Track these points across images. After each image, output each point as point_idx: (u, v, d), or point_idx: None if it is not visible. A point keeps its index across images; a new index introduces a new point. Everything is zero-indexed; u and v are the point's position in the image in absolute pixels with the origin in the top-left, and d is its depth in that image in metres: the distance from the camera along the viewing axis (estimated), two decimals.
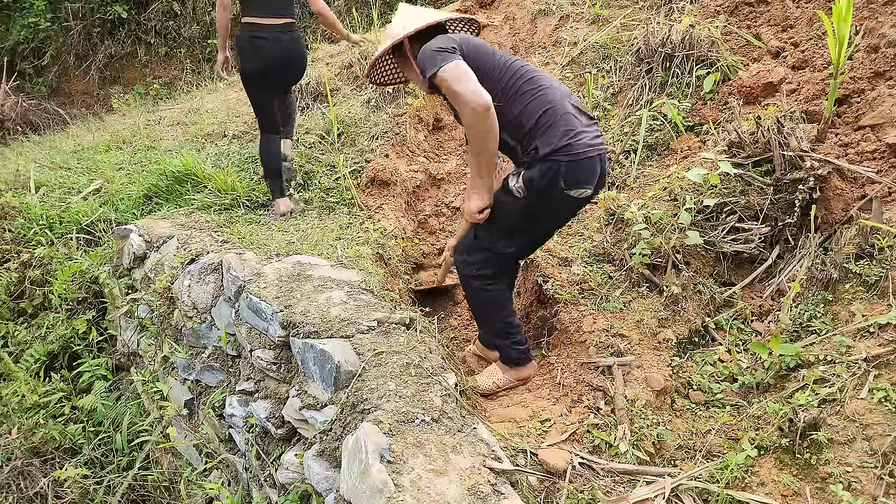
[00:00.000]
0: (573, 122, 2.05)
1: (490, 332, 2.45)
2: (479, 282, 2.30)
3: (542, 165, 2.02)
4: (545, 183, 2.03)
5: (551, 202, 2.10)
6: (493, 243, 2.24)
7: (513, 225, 2.19)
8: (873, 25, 2.96)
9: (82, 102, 8.82)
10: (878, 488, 1.66)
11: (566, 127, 2.03)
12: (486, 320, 2.45)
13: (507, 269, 2.36)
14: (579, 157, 2.01)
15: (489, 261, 2.27)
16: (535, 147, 2.04)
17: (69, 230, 3.86)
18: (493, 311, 2.37)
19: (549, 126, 2.03)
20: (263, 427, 2.34)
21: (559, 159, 2.00)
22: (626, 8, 4.44)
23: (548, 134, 2.02)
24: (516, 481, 1.71)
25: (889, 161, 2.53)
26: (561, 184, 2.01)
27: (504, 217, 2.18)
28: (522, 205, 2.11)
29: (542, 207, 2.11)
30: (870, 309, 2.15)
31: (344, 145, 4.12)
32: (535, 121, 2.05)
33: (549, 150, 2.01)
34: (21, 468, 2.99)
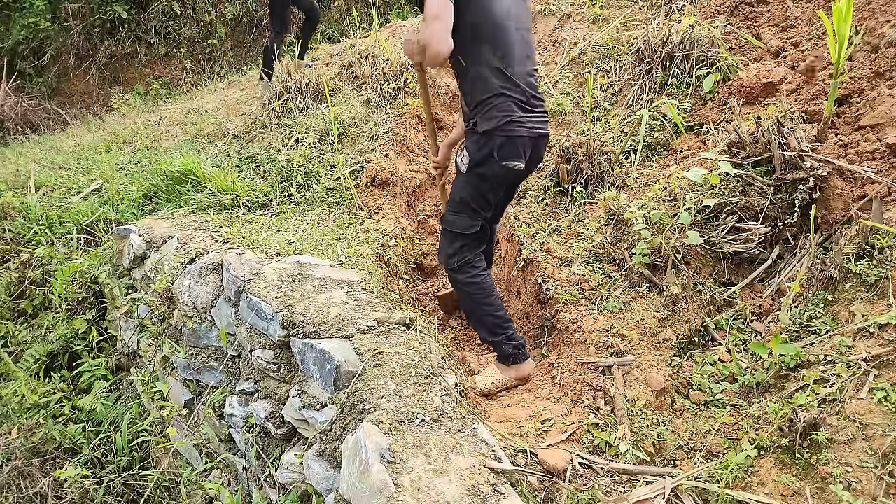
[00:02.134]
0: (515, 110, 2.20)
1: (483, 329, 2.46)
2: (464, 274, 2.39)
3: (480, 140, 2.22)
4: (482, 156, 2.23)
5: (491, 172, 2.27)
6: (461, 227, 2.37)
7: (465, 200, 2.33)
8: (873, 25, 2.96)
9: (82, 102, 8.82)
10: (878, 488, 1.66)
11: (507, 114, 2.19)
12: (476, 318, 2.47)
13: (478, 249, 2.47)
14: (511, 135, 2.20)
15: (464, 247, 2.39)
16: (475, 122, 2.23)
17: (69, 230, 3.86)
18: (480, 303, 2.41)
19: (494, 107, 2.19)
20: (263, 427, 2.34)
21: (495, 135, 2.19)
22: (626, 8, 4.44)
23: (491, 112, 2.19)
24: (516, 481, 1.71)
25: (889, 161, 2.53)
26: (495, 155, 2.20)
27: (458, 195, 2.34)
28: (468, 177, 2.30)
29: (484, 177, 2.29)
30: (870, 309, 2.15)
31: (344, 145, 4.12)
32: (484, 98, 2.20)
33: (488, 127, 2.19)
34: (21, 468, 2.99)
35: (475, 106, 2.23)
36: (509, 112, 2.18)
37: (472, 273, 2.39)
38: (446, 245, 2.42)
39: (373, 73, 4.72)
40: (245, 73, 7.12)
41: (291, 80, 4.79)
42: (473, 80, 2.21)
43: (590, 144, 3.27)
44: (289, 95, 4.72)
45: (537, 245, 2.98)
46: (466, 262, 2.38)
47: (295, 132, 4.33)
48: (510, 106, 2.19)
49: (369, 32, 5.19)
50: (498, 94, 2.18)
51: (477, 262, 2.42)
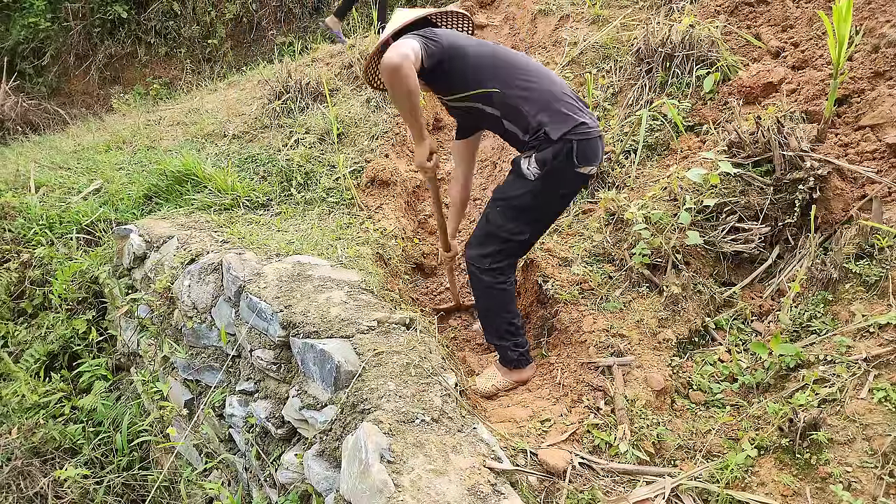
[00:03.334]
0: (574, 108, 2.18)
1: (492, 331, 2.46)
2: (489, 277, 2.32)
3: (556, 146, 2.13)
4: (559, 162, 2.14)
5: (563, 180, 2.21)
6: (507, 231, 2.28)
7: (525, 208, 2.24)
8: (873, 25, 2.96)
9: (82, 102, 8.81)
10: (878, 488, 1.66)
11: (573, 113, 2.16)
12: (490, 320, 2.46)
13: (516, 261, 2.42)
14: (589, 136, 2.15)
15: (502, 252, 2.31)
16: (545, 131, 2.13)
17: (69, 230, 3.86)
18: (499, 308, 2.39)
19: (557, 110, 2.14)
20: (263, 427, 2.34)
21: (571, 138, 2.12)
22: (626, 8, 4.44)
23: (557, 117, 2.14)
24: (516, 481, 1.71)
25: (889, 161, 2.53)
26: (575, 159, 2.13)
27: (517, 202, 2.24)
28: (534, 186, 2.19)
29: (553, 186, 2.21)
30: (870, 309, 2.15)
31: (344, 145, 4.12)
32: (539, 109, 2.15)
33: (563, 131, 2.12)
34: (21, 468, 2.99)
35: (532, 123, 2.16)
36: (575, 114, 2.15)
37: (501, 280, 2.33)
38: (483, 242, 2.32)
39: None
40: (245, 73, 7.11)
41: (291, 80, 4.79)
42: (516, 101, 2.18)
43: None
44: (289, 95, 4.72)
45: (537, 245, 2.98)
46: (499, 269, 2.31)
47: (295, 132, 4.33)
48: (573, 107, 2.16)
49: (369, 32, 5.19)
50: (554, 100, 2.16)
51: (511, 272, 2.36)
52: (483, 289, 2.37)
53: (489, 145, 4.52)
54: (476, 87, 2.21)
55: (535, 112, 2.16)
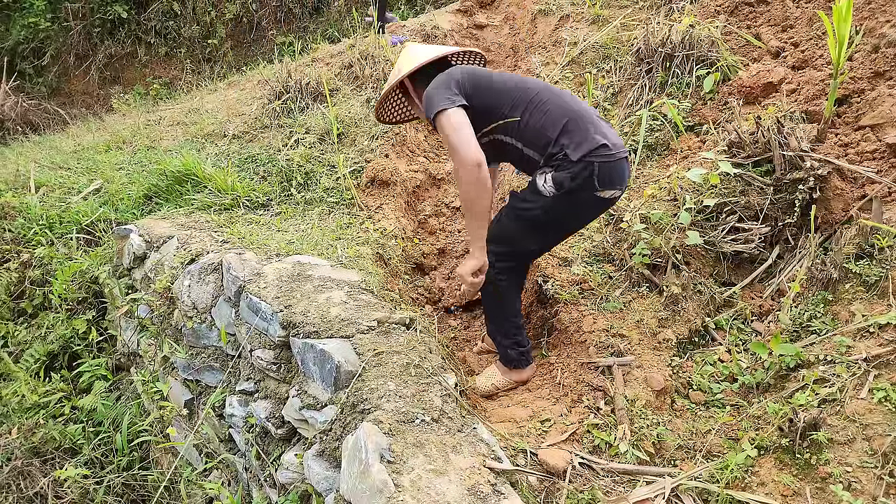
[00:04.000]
0: (599, 125, 2.09)
1: (496, 330, 2.46)
2: (493, 270, 2.29)
3: (575, 168, 2.03)
4: (577, 185, 2.04)
5: (579, 203, 2.12)
6: (516, 239, 2.25)
7: (535, 224, 2.19)
8: (873, 25, 2.96)
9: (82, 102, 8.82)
10: (878, 488, 1.66)
11: (595, 130, 2.05)
12: (493, 316, 2.46)
13: (524, 265, 2.40)
14: (613, 159, 2.04)
15: (511, 254, 2.29)
16: (565, 153, 2.04)
17: (69, 230, 3.86)
18: (502, 305, 2.38)
19: (577, 130, 2.05)
20: (263, 427, 2.34)
21: (593, 160, 2.01)
22: (626, 8, 4.44)
23: (577, 138, 2.04)
24: (516, 481, 1.71)
25: (889, 161, 2.53)
26: (595, 184, 2.03)
27: (528, 214, 2.19)
28: (546, 203, 2.11)
29: (569, 208, 2.13)
30: (870, 309, 2.15)
31: (344, 145, 4.12)
32: (560, 127, 2.07)
33: (583, 152, 2.01)
34: (21, 468, 2.99)
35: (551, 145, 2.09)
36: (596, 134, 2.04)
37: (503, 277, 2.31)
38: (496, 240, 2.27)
39: (373, 73, 4.72)
40: (245, 73, 7.11)
41: (291, 80, 4.79)
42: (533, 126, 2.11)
43: None
44: (289, 95, 4.72)
45: None
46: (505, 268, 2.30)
47: (295, 132, 4.33)
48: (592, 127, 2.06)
49: (369, 32, 5.19)
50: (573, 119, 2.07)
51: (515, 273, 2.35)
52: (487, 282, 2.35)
53: None
54: (498, 118, 2.16)
55: (555, 134, 2.08)
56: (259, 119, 4.72)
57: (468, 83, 2.17)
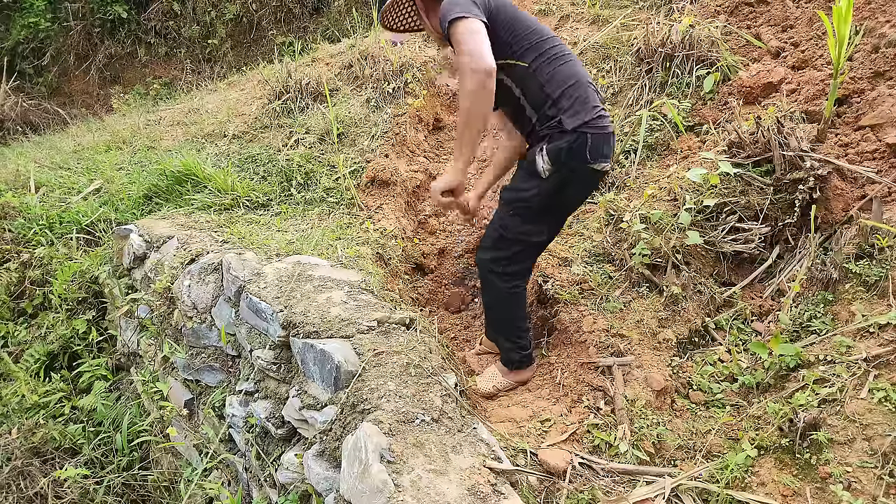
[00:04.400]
0: (595, 96, 2.04)
1: (498, 332, 2.43)
2: (503, 282, 2.23)
3: (570, 137, 1.98)
4: (572, 156, 1.99)
5: (576, 176, 2.07)
6: (523, 234, 2.17)
7: (541, 209, 2.12)
8: (873, 25, 2.96)
9: (82, 102, 8.81)
10: (878, 488, 1.66)
11: (593, 101, 2.01)
12: (497, 321, 2.41)
13: (533, 265, 2.30)
14: (603, 131, 2.01)
15: (519, 254, 2.21)
16: (559, 120, 1.99)
17: (69, 230, 3.86)
18: (509, 312, 2.33)
19: (577, 99, 2.00)
20: (263, 427, 2.34)
21: (587, 132, 1.97)
22: (626, 8, 4.44)
23: (577, 105, 1.99)
24: (516, 481, 1.71)
25: (889, 161, 2.53)
26: (587, 156, 1.99)
27: (532, 203, 2.12)
28: (546, 185, 2.06)
29: (567, 184, 2.07)
30: (870, 309, 2.15)
31: (344, 145, 4.12)
32: (562, 91, 2.00)
33: (578, 122, 1.97)
34: (21, 468, 2.99)
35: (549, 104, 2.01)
36: (596, 103, 1.99)
37: (514, 284, 2.24)
38: (497, 246, 2.20)
39: (373, 73, 4.72)
40: (245, 73, 7.11)
41: (291, 80, 4.79)
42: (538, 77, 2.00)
43: None
44: (289, 95, 4.72)
45: None
46: (514, 273, 2.22)
47: (295, 132, 4.33)
48: (594, 96, 2.00)
49: (369, 32, 5.19)
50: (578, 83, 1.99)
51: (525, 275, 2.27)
52: (496, 294, 2.29)
53: (489, 145, 4.52)
54: (509, 56, 2.01)
55: (556, 94, 1.99)
56: (259, 119, 4.72)
57: (493, 5, 2.02)
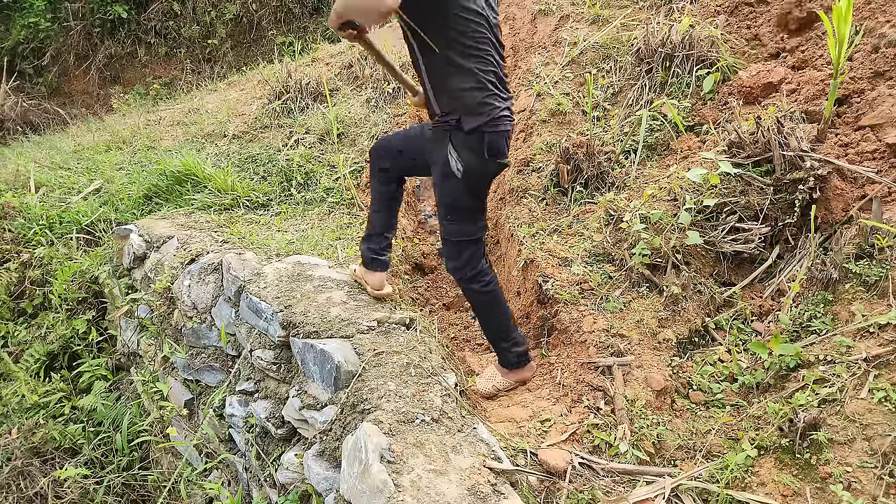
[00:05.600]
0: (496, 100, 2.09)
1: (492, 335, 2.46)
2: (477, 283, 2.32)
3: (468, 138, 2.07)
4: (476, 157, 2.10)
5: (484, 171, 2.17)
6: (468, 234, 2.27)
7: (468, 205, 2.23)
8: (873, 25, 2.96)
9: (82, 102, 8.82)
10: (878, 488, 1.66)
11: (490, 106, 2.07)
12: (487, 325, 2.46)
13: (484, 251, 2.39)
14: (496, 129, 2.09)
15: (475, 253, 2.30)
16: (458, 119, 2.06)
17: (69, 230, 3.86)
18: (494, 312, 2.39)
19: (477, 103, 2.05)
20: (263, 427, 2.34)
21: (484, 132, 2.06)
22: (626, 8, 4.44)
23: (474, 110, 2.05)
24: (516, 481, 1.71)
25: (889, 161, 2.52)
26: (485, 154, 2.09)
27: (459, 204, 2.23)
28: (463, 184, 2.15)
29: (478, 177, 2.18)
30: (870, 309, 2.15)
31: (344, 145, 4.12)
32: (465, 89, 2.03)
33: (476, 124, 2.05)
34: (21, 468, 2.99)
35: (451, 98, 2.05)
36: (493, 106, 2.07)
37: (485, 282, 2.33)
38: (454, 256, 2.32)
39: (373, 73, 4.73)
40: (245, 73, 7.11)
41: (291, 80, 4.79)
42: (447, 68, 2.01)
43: (590, 144, 3.27)
44: (289, 95, 4.72)
45: (537, 245, 2.98)
46: (479, 271, 2.31)
47: (295, 132, 4.33)
48: (494, 99, 2.07)
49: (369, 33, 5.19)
50: (479, 87, 2.03)
51: (487, 269, 2.35)
52: (476, 299, 2.39)
53: None
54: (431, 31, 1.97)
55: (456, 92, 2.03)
56: (259, 119, 4.72)
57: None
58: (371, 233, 2.48)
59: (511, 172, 3.71)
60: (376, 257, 2.46)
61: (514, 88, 4.47)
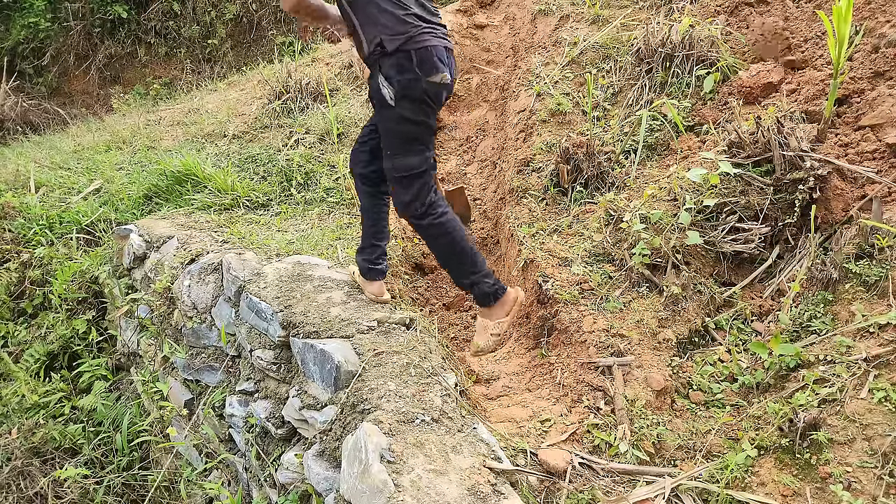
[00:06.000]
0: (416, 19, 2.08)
1: (459, 272, 2.38)
2: (429, 217, 2.25)
3: (393, 59, 2.05)
4: (406, 79, 2.05)
5: (417, 93, 2.10)
6: (414, 167, 2.20)
7: (409, 132, 2.16)
8: (873, 25, 2.96)
9: (82, 102, 8.82)
10: (878, 488, 1.66)
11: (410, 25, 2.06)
12: (451, 260, 2.37)
13: (434, 183, 2.33)
14: (422, 45, 2.05)
15: (423, 186, 2.23)
16: (381, 42, 2.05)
17: (69, 230, 3.86)
18: (452, 243, 2.30)
19: (396, 21, 2.05)
20: (263, 427, 2.34)
21: (409, 49, 2.04)
22: (626, 8, 4.44)
23: (393, 29, 2.04)
24: (516, 481, 1.71)
25: (889, 161, 2.52)
26: (417, 71, 2.04)
27: (401, 135, 2.17)
28: (400, 112, 2.11)
29: (413, 101, 2.11)
30: (870, 309, 2.15)
31: (344, 145, 4.12)
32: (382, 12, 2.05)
33: (397, 44, 2.03)
34: (21, 468, 2.99)
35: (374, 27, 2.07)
36: (414, 24, 2.05)
37: (437, 213, 2.24)
38: (402, 192, 2.24)
39: None
40: (245, 73, 7.11)
41: (291, 80, 4.79)
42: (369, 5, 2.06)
43: (590, 144, 3.27)
44: (289, 95, 4.72)
45: (537, 245, 2.98)
46: (429, 204, 2.23)
47: (295, 132, 4.33)
48: (413, 19, 2.06)
49: None
50: (398, 6, 2.05)
51: (439, 200, 2.27)
52: (430, 233, 2.30)
53: (489, 145, 4.52)
54: None
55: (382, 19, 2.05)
56: (259, 119, 4.72)
57: None
58: (364, 245, 2.46)
59: (511, 172, 3.71)
60: (372, 267, 2.44)
61: (514, 88, 4.47)
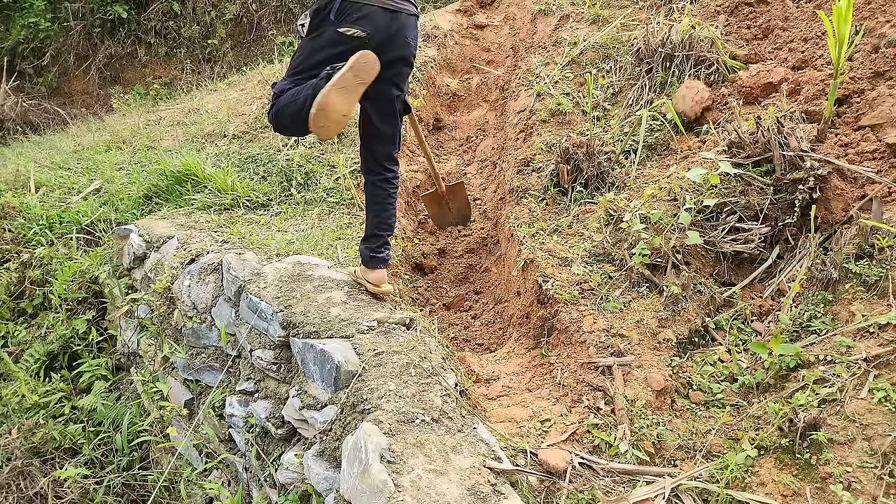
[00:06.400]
0: None
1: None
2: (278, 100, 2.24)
3: (318, 3, 2.12)
4: (319, 18, 2.12)
5: (327, 36, 2.14)
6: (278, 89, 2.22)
7: (302, 63, 2.20)
8: (873, 25, 2.96)
9: (82, 102, 8.82)
10: (878, 488, 1.66)
11: None
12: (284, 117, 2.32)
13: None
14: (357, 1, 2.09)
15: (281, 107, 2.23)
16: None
17: (69, 230, 3.86)
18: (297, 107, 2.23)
19: None
20: (263, 427, 2.34)
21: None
22: (626, 8, 4.44)
23: None
24: (516, 481, 1.71)
25: (889, 161, 2.52)
26: (332, 17, 2.09)
27: (296, 60, 2.23)
28: (310, 42, 2.17)
29: (318, 40, 2.16)
30: (870, 309, 2.15)
31: (344, 145, 4.12)
32: None
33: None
34: (21, 468, 2.99)
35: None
36: None
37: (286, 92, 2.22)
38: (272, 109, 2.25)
39: None
40: (245, 73, 7.11)
41: None
42: None
43: (590, 144, 3.27)
44: None
45: (537, 245, 2.98)
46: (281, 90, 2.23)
47: None
48: None
49: None
50: None
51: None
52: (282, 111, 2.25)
53: (489, 145, 4.52)
54: None
55: None
56: (259, 119, 4.72)
57: None
58: (367, 234, 2.51)
59: (511, 172, 3.71)
60: (374, 255, 2.48)
61: (514, 88, 4.47)
